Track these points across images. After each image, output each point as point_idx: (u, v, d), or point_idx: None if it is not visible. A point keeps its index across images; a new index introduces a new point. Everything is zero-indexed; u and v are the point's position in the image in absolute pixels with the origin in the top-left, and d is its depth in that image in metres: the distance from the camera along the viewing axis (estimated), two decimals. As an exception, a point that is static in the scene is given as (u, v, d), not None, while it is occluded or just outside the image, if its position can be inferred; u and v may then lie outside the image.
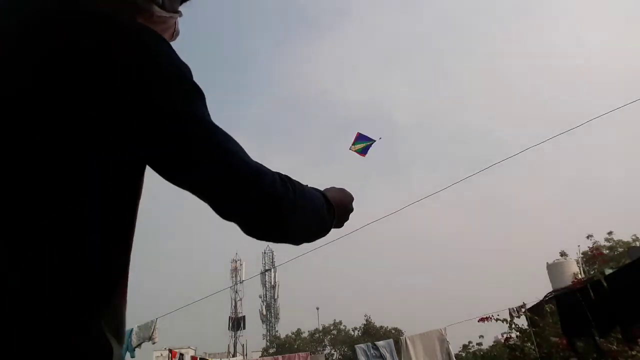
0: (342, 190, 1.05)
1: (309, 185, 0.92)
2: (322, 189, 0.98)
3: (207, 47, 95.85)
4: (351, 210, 1.07)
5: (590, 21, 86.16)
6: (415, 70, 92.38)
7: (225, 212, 0.77)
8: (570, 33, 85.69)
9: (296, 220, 0.83)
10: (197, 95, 0.75)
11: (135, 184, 0.73)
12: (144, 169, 0.74)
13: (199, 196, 0.75)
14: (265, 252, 57.07)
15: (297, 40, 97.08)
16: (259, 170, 0.77)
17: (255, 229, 0.80)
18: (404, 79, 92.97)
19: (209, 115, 0.75)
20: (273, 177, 0.78)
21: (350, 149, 13.83)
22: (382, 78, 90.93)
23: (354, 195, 1.08)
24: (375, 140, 14.07)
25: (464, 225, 71.17)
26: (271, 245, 55.59)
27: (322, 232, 0.94)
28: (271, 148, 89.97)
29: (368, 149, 14.02)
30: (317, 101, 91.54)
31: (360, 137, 14.04)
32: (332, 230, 1.01)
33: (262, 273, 54.41)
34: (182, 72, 0.74)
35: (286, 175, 0.83)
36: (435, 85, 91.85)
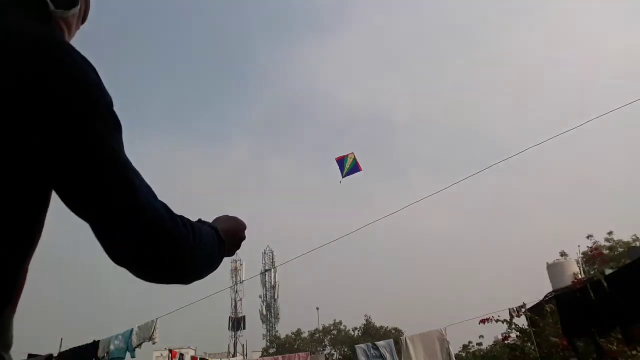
0: (235, 220, 1.03)
1: (203, 222, 0.92)
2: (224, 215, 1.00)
3: (207, 47, 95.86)
4: (242, 239, 1.05)
5: (590, 21, 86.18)
6: (415, 70, 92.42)
7: (121, 252, 0.74)
8: (570, 33, 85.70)
9: (194, 262, 0.82)
10: (114, 127, 0.75)
11: (39, 203, 0.73)
12: (50, 191, 0.74)
13: (98, 231, 0.72)
14: (265, 252, 57.13)
15: (297, 40, 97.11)
16: (166, 209, 0.76)
17: (152, 269, 0.78)
18: (403, 79, 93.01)
19: (122, 148, 0.75)
20: (176, 218, 0.77)
21: (342, 179, 14.14)
22: (381, 78, 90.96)
23: (246, 224, 1.06)
24: (349, 159, 14.53)
25: (464, 225, 71.20)
26: (271, 245, 55.56)
27: (212, 269, 0.92)
28: (271, 148, 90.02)
29: (355, 165, 14.36)
30: (317, 101, 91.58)
31: (339, 162, 14.47)
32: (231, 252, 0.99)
33: (262, 273, 54.41)
34: (105, 102, 0.74)
35: (187, 218, 0.82)
36: (435, 85, 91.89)
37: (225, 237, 0.94)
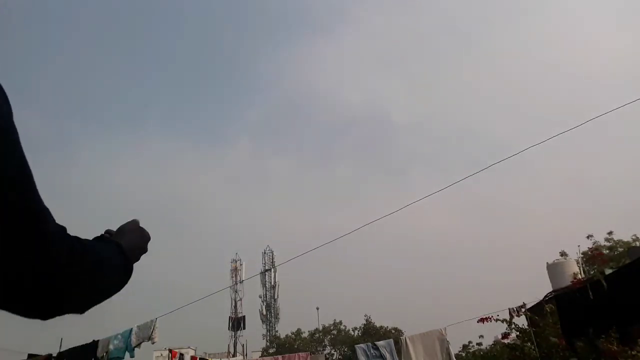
0: (139, 231, 0.99)
1: (101, 239, 0.87)
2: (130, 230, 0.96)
3: (207, 47, 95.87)
4: (145, 250, 1.00)
5: (590, 21, 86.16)
6: (414, 70, 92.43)
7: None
8: (570, 33, 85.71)
9: (79, 284, 0.75)
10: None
11: None
12: None
13: None
14: (265, 252, 57.12)
15: (296, 40, 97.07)
16: (45, 211, 0.69)
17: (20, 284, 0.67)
18: (403, 80, 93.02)
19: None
20: (58, 226, 0.71)
21: None
22: (381, 78, 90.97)
23: (150, 234, 1.01)
24: None
25: (464, 225, 71.22)
26: (271, 245, 55.54)
27: (114, 290, 0.86)
28: (270, 148, 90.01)
29: None
30: (316, 101, 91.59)
31: None
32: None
33: (262, 273, 54.40)
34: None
35: (76, 237, 0.75)
36: (435, 85, 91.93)
37: (130, 252, 0.89)
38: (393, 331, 38.51)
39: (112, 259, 0.83)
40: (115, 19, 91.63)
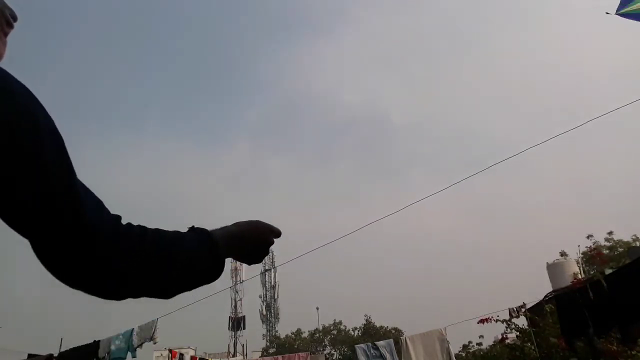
0: (250, 225, 0.96)
1: (193, 229, 0.87)
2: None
3: (206, 48, 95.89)
4: (266, 243, 0.98)
5: (590, 21, 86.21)
6: (414, 71, 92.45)
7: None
8: (570, 33, 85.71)
9: (136, 268, 0.76)
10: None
11: None
12: None
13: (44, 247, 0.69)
14: (265, 252, 57.00)
15: (296, 41, 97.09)
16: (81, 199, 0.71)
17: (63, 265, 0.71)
18: (402, 80, 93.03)
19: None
20: (106, 216, 0.74)
21: (614, 13, 9.92)
22: (380, 79, 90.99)
23: (276, 227, 0.99)
24: None
25: (463, 225, 71.21)
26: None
27: (197, 282, 0.87)
28: (269, 149, 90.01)
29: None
30: (316, 102, 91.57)
31: None
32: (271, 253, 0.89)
33: (262, 273, 54.40)
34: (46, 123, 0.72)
35: (139, 225, 0.78)
36: (434, 85, 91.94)
37: (227, 242, 0.89)
38: (393, 331, 38.51)
39: (190, 251, 0.84)
40: (116, 19, 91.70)
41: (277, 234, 1.01)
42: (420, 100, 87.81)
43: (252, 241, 0.97)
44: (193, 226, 0.90)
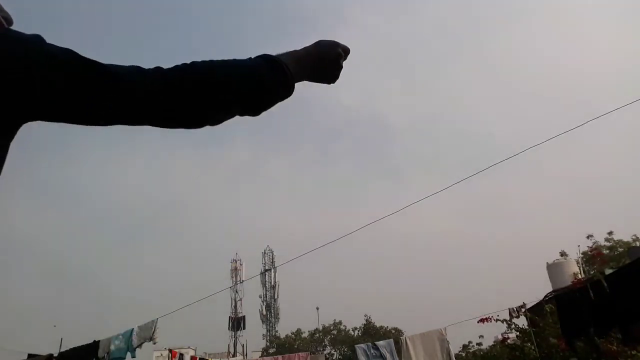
0: (315, 44, 1.02)
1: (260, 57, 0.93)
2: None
3: (206, 49, 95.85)
4: (335, 55, 1.03)
5: (591, 21, 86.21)
6: (413, 71, 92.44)
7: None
8: (571, 33, 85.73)
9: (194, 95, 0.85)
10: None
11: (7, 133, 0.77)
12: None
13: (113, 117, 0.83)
14: (265, 252, 57.12)
15: (295, 42, 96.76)
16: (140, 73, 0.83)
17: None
18: (401, 80, 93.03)
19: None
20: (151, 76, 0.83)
21: None
22: (379, 79, 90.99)
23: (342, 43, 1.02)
24: None
25: (464, 226, 71.24)
26: (271, 245, 55.51)
27: (267, 94, 0.94)
28: (270, 149, 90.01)
29: None
30: (316, 102, 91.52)
31: None
32: (332, 84, 1.03)
33: (262, 273, 54.42)
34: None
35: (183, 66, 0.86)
36: (434, 86, 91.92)
37: (294, 62, 0.95)
38: (393, 331, 38.50)
39: (249, 70, 0.90)
40: (116, 20, 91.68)
41: (345, 48, 1.05)
42: (420, 100, 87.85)
43: (321, 59, 1.01)
44: (265, 54, 0.95)
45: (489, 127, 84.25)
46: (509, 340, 13.47)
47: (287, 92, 0.95)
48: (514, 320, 12.02)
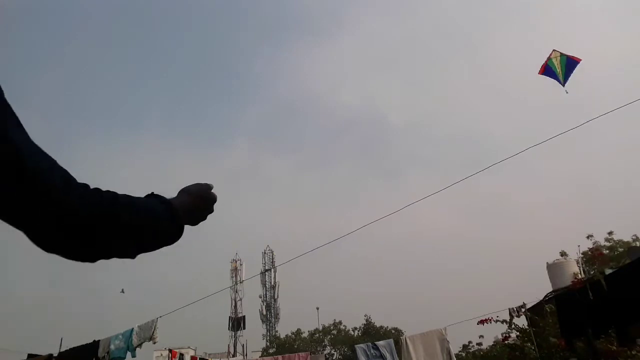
0: (198, 192, 1.04)
1: (154, 196, 0.93)
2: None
3: (205, 50, 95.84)
4: (205, 212, 1.06)
5: (590, 21, 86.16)
6: (413, 71, 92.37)
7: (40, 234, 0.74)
8: (570, 33, 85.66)
9: (110, 235, 0.80)
10: None
11: None
12: None
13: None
14: (265, 252, 57.09)
15: (295, 43, 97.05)
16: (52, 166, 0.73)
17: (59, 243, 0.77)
18: (401, 81, 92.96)
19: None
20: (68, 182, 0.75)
21: (564, 86, 10.85)
22: (378, 80, 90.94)
23: (215, 194, 1.07)
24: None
25: (463, 226, 71.19)
26: (271, 245, 55.49)
27: (156, 242, 0.93)
28: (269, 149, 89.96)
29: (570, 61, 10.77)
30: (316, 103, 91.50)
31: (548, 72, 11.03)
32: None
33: (262, 273, 54.39)
34: None
35: (107, 191, 0.81)
36: (433, 86, 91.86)
37: (183, 209, 0.96)
38: (393, 331, 38.50)
39: (153, 215, 0.90)
40: (116, 22, 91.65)
41: (215, 199, 1.09)
42: (420, 100, 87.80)
43: (202, 210, 1.05)
44: (152, 192, 0.96)
45: (489, 127, 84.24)
46: (509, 340, 13.45)
47: (175, 241, 0.97)
48: (514, 320, 12.01)
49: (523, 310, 11.47)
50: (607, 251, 19.79)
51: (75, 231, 0.75)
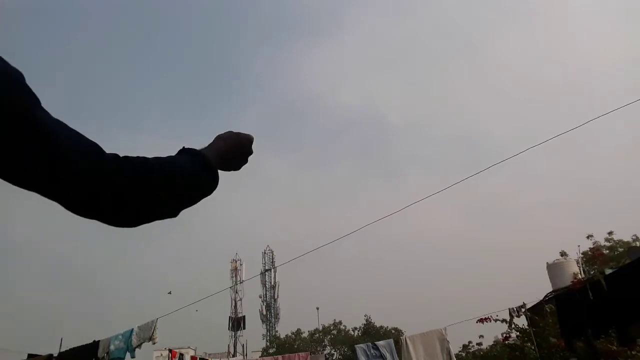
0: (231, 139, 1.08)
1: (184, 151, 0.95)
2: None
3: (205, 49, 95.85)
4: (246, 153, 1.12)
5: (589, 22, 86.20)
6: (413, 71, 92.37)
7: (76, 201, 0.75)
8: (570, 33, 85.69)
9: (146, 197, 0.82)
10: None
11: None
12: None
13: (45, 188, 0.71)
14: (265, 252, 57.11)
15: (294, 43, 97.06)
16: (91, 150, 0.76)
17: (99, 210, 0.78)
18: (401, 81, 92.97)
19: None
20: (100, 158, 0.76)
21: None
22: (378, 80, 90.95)
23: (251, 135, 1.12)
24: None
25: (464, 226, 71.19)
26: (271, 245, 55.52)
27: (199, 196, 0.95)
28: (269, 149, 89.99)
29: None
30: (315, 103, 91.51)
31: None
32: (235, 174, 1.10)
33: (262, 273, 54.42)
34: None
35: (125, 157, 0.82)
36: (433, 86, 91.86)
37: (218, 157, 1.00)
38: (393, 331, 38.52)
39: (184, 170, 0.91)
40: (116, 22, 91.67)
41: (252, 140, 1.16)
42: (420, 100, 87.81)
43: (236, 154, 1.10)
44: (184, 147, 0.98)
45: (489, 127, 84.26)
46: (509, 340, 13.46)
47: (212, 190, 0.99)
48: (514, 320, 12.02)
49: (523, 310, 11.47)
50: (607, 251, 19.79)
51: (111, 198, 0.77)
